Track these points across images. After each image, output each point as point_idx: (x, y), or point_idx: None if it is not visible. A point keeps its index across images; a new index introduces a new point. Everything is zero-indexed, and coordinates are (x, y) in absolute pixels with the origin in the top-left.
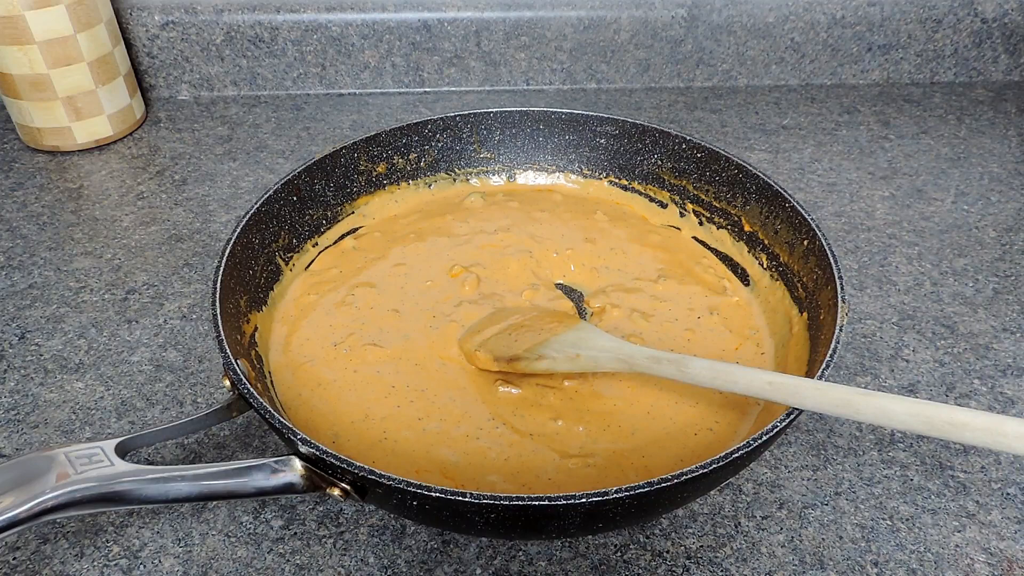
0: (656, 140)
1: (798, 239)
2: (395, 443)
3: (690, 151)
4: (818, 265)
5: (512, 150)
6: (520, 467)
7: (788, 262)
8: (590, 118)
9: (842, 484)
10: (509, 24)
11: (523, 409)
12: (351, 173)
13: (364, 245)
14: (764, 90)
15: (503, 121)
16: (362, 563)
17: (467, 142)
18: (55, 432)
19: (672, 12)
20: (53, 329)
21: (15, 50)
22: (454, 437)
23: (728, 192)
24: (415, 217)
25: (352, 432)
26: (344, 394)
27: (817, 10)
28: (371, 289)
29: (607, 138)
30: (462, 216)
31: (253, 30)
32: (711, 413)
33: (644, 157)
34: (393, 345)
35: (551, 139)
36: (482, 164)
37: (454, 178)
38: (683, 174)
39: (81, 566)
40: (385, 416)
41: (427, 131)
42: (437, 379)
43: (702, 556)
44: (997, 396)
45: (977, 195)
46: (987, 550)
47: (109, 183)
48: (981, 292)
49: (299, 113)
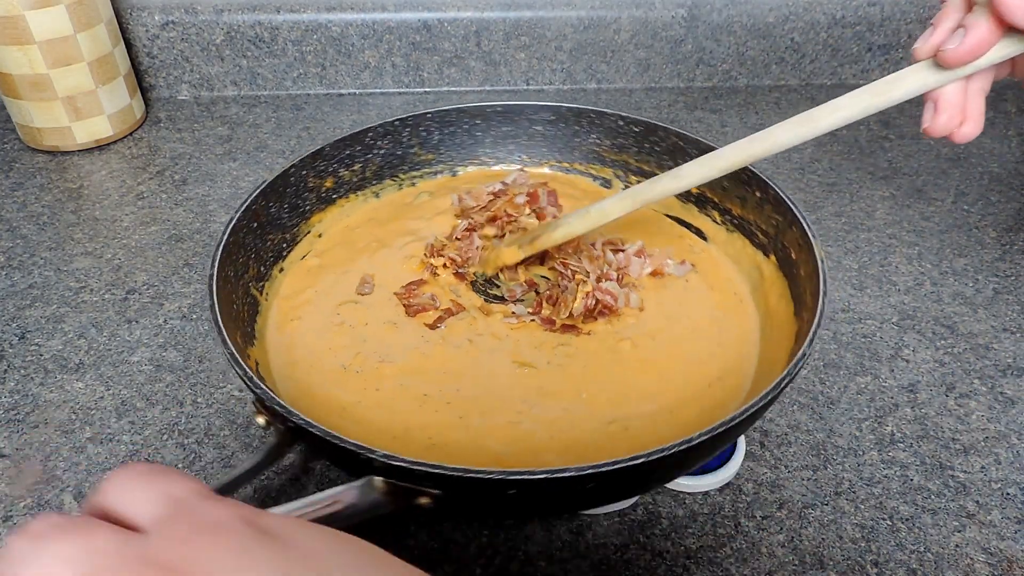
0: (592, 120)
1: (749, 192)
2: (445, 446)
3: (627, 127)
4: (775, 211)
5: (452, 148)
6: (569, 441)
7: (742, 214)
8: (525, 107)
9: (842, 484)
10: (509, 24)
11: (549, 386)
12: (302, 192)
13: (328, 261)
14: (764, 90)
15: (440, 120)
16: None
17: (407, 146)
18: (55, 432)
19: (672, 12)
20: (53, 329)
21: (15, 50)
22: (499, 425)
23: (669, 160)
24: (370, 225)
25: (399, 446)
26: (373, 413)
27: (817, 10)
28: (356, 305)
29: (544, 124)
30: (416, 214)
31: (253, 30)
32: (717, 366)
33: (582, 138)
34: (406, 357)
35: (488, 133)
36: (425, 166)
37: (399, 184)
38: (622, 149)
39: None
40: (426, 424)
41: (368, 139)
42: (468, 375)
43: (702, 556)
44: (997, 396)
45: (977, 195)
46: (987, 550)
47: (109, 183)
48: (981, 292)
49: (299, 113)
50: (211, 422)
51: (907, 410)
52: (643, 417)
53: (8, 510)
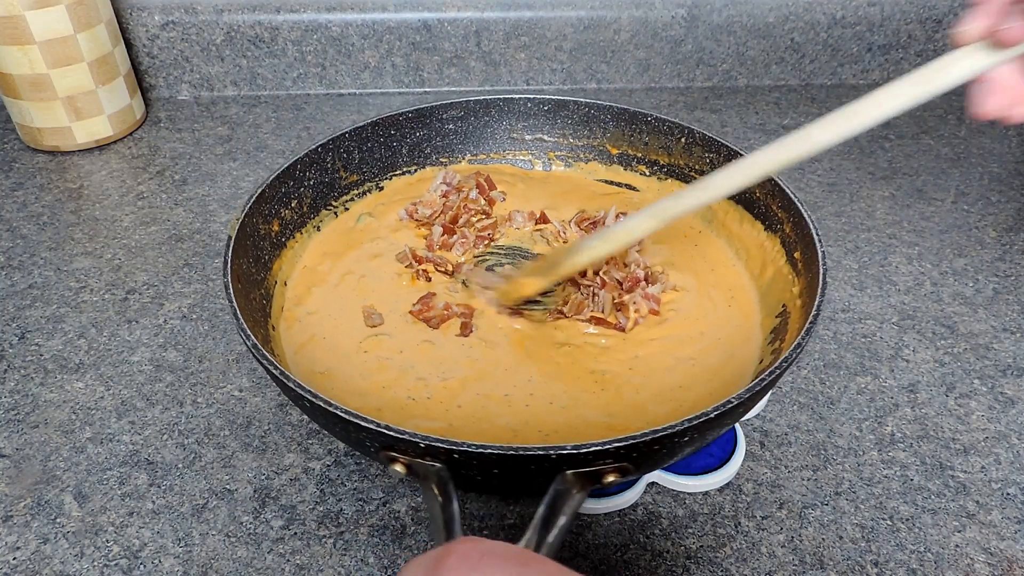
0: (501, 108)
1: (673, 140)
2: (569, 428)
3: (536, 107)
4: (707, 150)
5: (372, 164)
6: (614, 411)
7: (670, 162)
8: (434, 109)
9: (842, 484)
10: (509, 24)
11: (591, 362)
12: (259, 241)
13: (315, 306)
14: (764, 90)
15: (358, 137)
16: (362, 563)
17: (332, 171)
18: (55, 432)
19: (672, 12)
20: (53, 329)
21: (15, 50)
22: (594, 401)
23: (584, 129)
24: (329, 260)
25: (536, 440)
26: (474, 426)
27: (817, 10)
28: (377, 338)
29: (454, 122)
30: (370, 235)
31: (253, 30)
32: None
33: (494, 127)
34: (463, 367)
35: (404, 141)
36: (352, 188)
37: (334, 211)
38: (535, 128)
39: (81, 566)
40: (527, 419)
41: (297, 172)
42: (529, 366)
43: (702, 556)
44: (997, 396)
45: (977, 195)
46: (987, 550)
47: (109, 183)
48: (981, 292)
49: (299, 113)
50: (211, 422)
51: (907, 410)
52: (656, 390)
53: (8, 510)
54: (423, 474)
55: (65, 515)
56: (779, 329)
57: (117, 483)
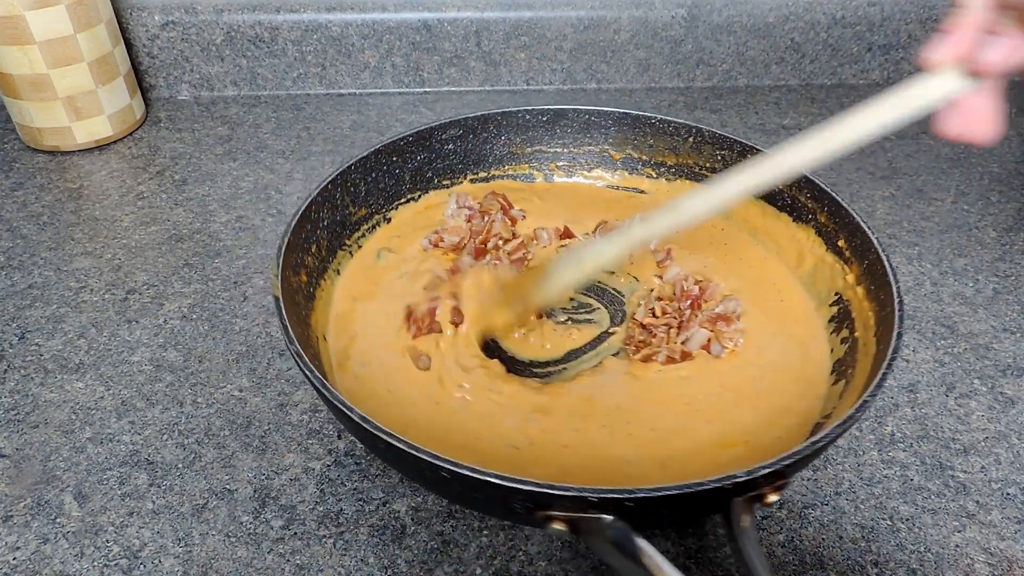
0: (499, 123)
1: (679, 141)
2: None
3: (534, 118)
4: (717, 148)
5: (377, 194)
6: (726, 430)
7: (679, 162)
8: (433, 129)
9: (842, 484)
10: (509, 24)
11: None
12: (294, 296)
13: (364, 357)
14: (764, 90)
15: (362, 168)
16: (362, 563)
17: (342, 207)
18: (55, 432)
19: (672, 12)
20: (53, 329)
21: (15, 50)
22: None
23: (584, 137)
24: (360, 304)
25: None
26: (591, 462)
27: (817, 10)
28: (445, 384)
29: (454, 142)
30: (395, 273)
31: (253, 30)
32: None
33: (492, 143)
34: (544, 410)
35: (406, 167)
36: (362, 223)
37: (350, 251)
38: (534, 141)
39: (81, 566)
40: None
41: (313, 215)
42: (597, 398)
43: (702, 556)
44: (997, 396)
45: (977, 195)
46: (987, 550)
47: (109, 183)
48: (981, 292)
49: (299, 113)
50: (211, 422)
51: (907, 410)
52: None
53: (8, 510)
54: (589, 530)
55: (65, 515)
56: (839, 317)
57: (117, 483)
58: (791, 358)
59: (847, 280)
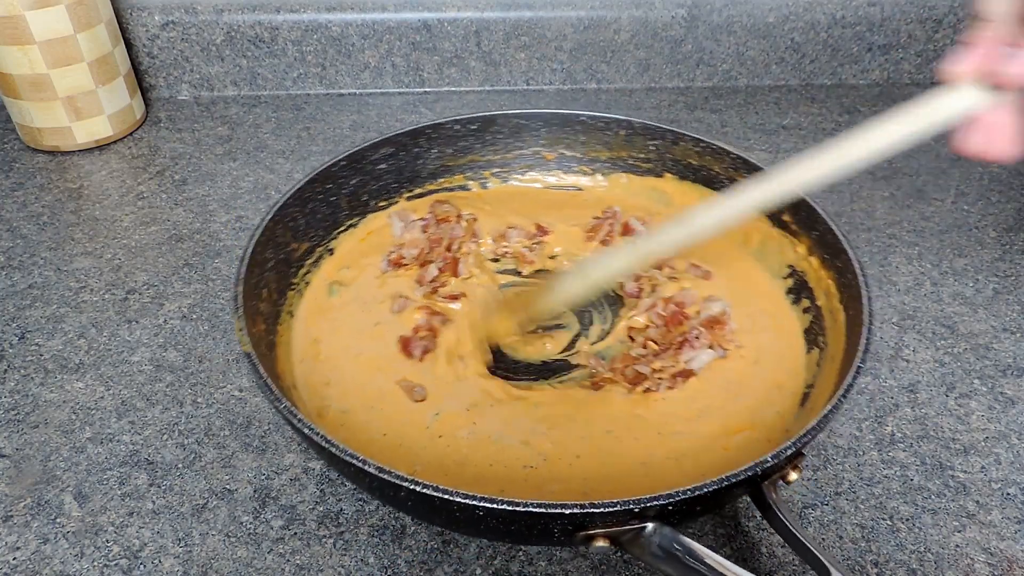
0: (429, 136)
1: (611, 136)
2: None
3: (464, 128)
4: (650, 138)
5: (316, 225)
6: (729, 412)
7: (612, 156)
8: (364, 151)
9: (842, 484)
10: (509, 24)
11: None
12: (259, 346)
13: (345, 403)
14: (764, 90)
15: (299, 201)
16: (362, 563)
17: (283, 245)
18: (55, 432)
19: (672, 12)
20: (53, 329)
21: (15, 50)
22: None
23: (516, 141)
24: (323, 348)
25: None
26: (599, 481)
27: (817, 10)
28: (444, 415)
29: (386, 161)
30: (354, 308)
31: (253, 30)
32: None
33: (424, 158)
34: (548, 423)
35: (341, 193)
36: (306, 257)
37: (299, 290)
38: (466, 151)
39: (81, 566)
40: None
41: (258, 255)
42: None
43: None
44: (997, 396)
45: (977, 195)
46: (987, 550)
47: (109, 183)
48: (981, 292)
49: (299, 113)
50: (211, 422)
51: (907, 410)
52: (697, 439)
53: (8, 510)
54: (633, 541)
55: (65, 515)
56: (796, 288)
57: (117, 483)
58: (769, 334)
59: (798, 252)
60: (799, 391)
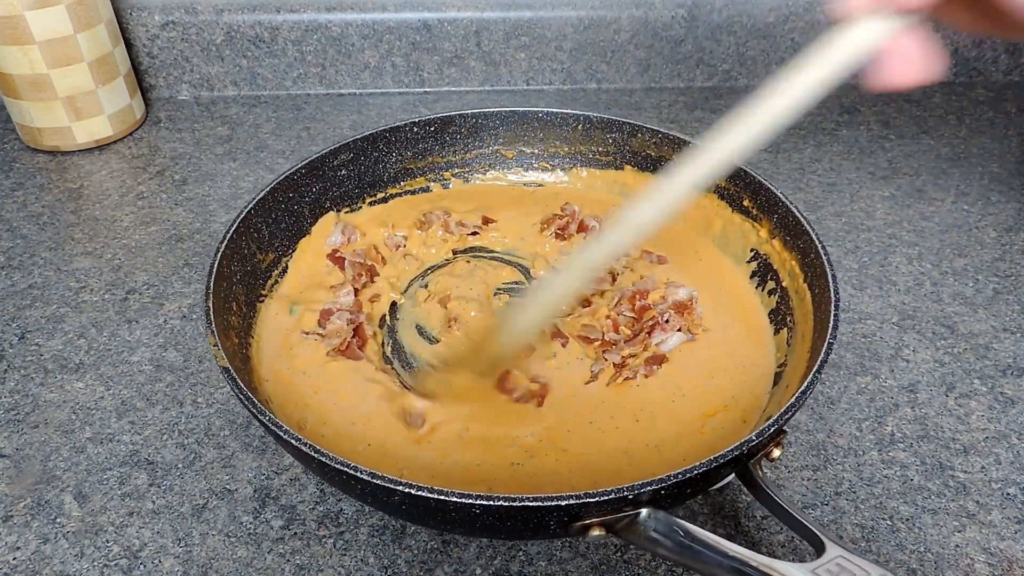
0: (388, 139)
1: (569, 131)
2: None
3: (422, 129)
4: (608, 131)
5: (281, 236)
6: (705, 398)
7: (571, 151)
8: (324, 157)
9: (842, 484)
10: (509, 24)
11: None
12: (236, 363)
13: (323, 429)
14: None
15: (262, 211)
16: (362, 563)
17: (250, 257)
18: (55, 432)
19: (672, 12)
20: (53, 329)
21: (15, 50)
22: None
23: (475, 141)
24: (298, 377)
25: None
26: (586, 471)
27: (817, 10)
28: (434, 425)
29: (346, 167)
30: (314, 325)
31: (253, 30)
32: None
33: (384, 162)
34: (535, 419)
35: (303, 201)
36: (272, 269)
37: (264, 304)
38: (426, 153)
39: (81, 566)
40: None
41: (225, 271)
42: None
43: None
44: (997, 396)
45: (977, 195)
46: (987, 550)
47: (109, 183)
48: (981, 292)
49: (299, 113)
50: (211, 422)
51: (907, 410)
52: (671, 433)
53: (8, 510)
54: (628, 528)
55: (65, 515)
56: (761, 271)
57: (117, 483)
58: (736, 317)
59: (760, 236)
60: (771, 371)
